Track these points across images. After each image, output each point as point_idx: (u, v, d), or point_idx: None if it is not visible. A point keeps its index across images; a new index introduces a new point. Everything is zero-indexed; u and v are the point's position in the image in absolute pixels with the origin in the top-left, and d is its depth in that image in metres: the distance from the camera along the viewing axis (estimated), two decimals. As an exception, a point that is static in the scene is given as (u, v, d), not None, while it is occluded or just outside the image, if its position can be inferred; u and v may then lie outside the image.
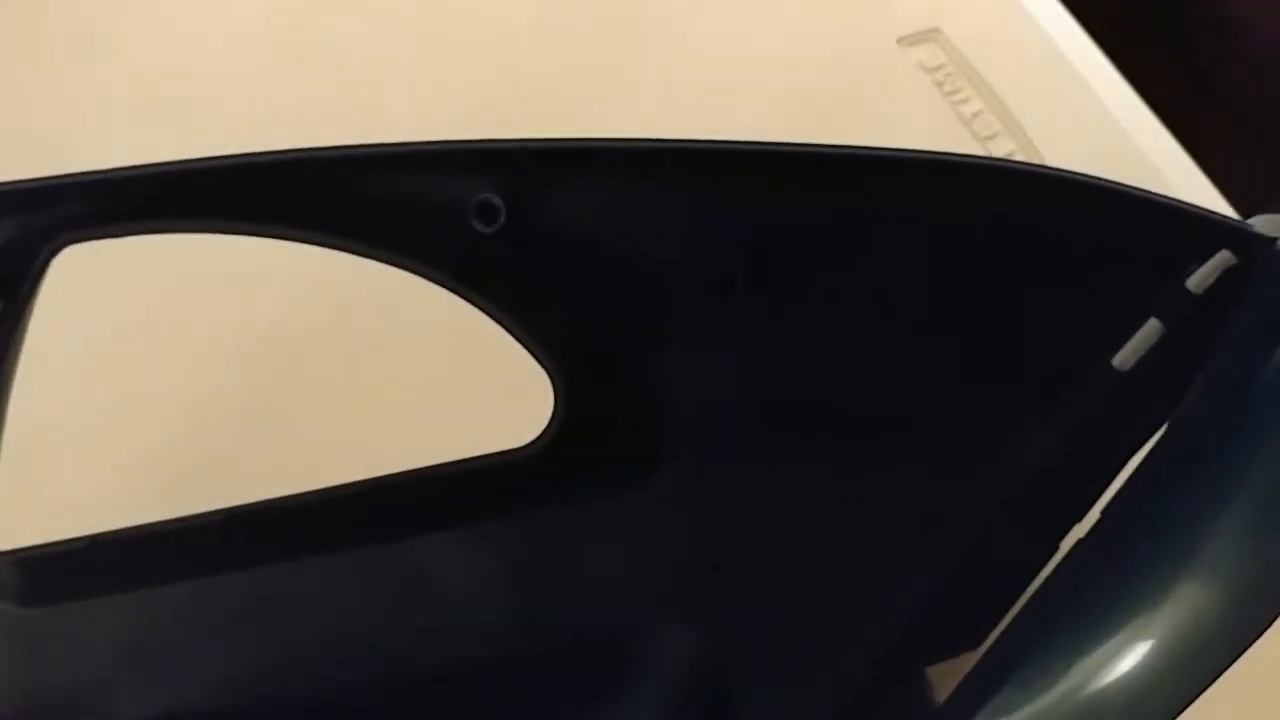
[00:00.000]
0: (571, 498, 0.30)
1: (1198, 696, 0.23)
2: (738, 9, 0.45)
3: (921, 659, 0.31)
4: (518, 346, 0.28)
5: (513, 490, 0.29)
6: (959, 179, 0.29)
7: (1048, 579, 0.29)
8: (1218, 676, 0.23)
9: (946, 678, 0.29)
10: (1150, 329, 0.30)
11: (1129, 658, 0.24)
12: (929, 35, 0.45)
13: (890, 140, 0.43)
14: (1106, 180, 0.29)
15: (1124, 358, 0.30)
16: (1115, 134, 0.45)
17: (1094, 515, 0.29)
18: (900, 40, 0.45)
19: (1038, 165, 0.29)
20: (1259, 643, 0.23)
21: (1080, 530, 0.29)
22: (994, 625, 0.29)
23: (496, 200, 0.27)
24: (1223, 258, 0.29)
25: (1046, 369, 0.31)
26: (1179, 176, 0.44)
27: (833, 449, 0.32)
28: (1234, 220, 0.29)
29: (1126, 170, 0.44)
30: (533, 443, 0.29)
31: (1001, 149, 0.43)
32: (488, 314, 0.28)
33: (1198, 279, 0.29)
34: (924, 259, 0.30)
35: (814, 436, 0.32)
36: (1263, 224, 0.31)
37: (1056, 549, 0.30)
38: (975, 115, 0.44)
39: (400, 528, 0.30)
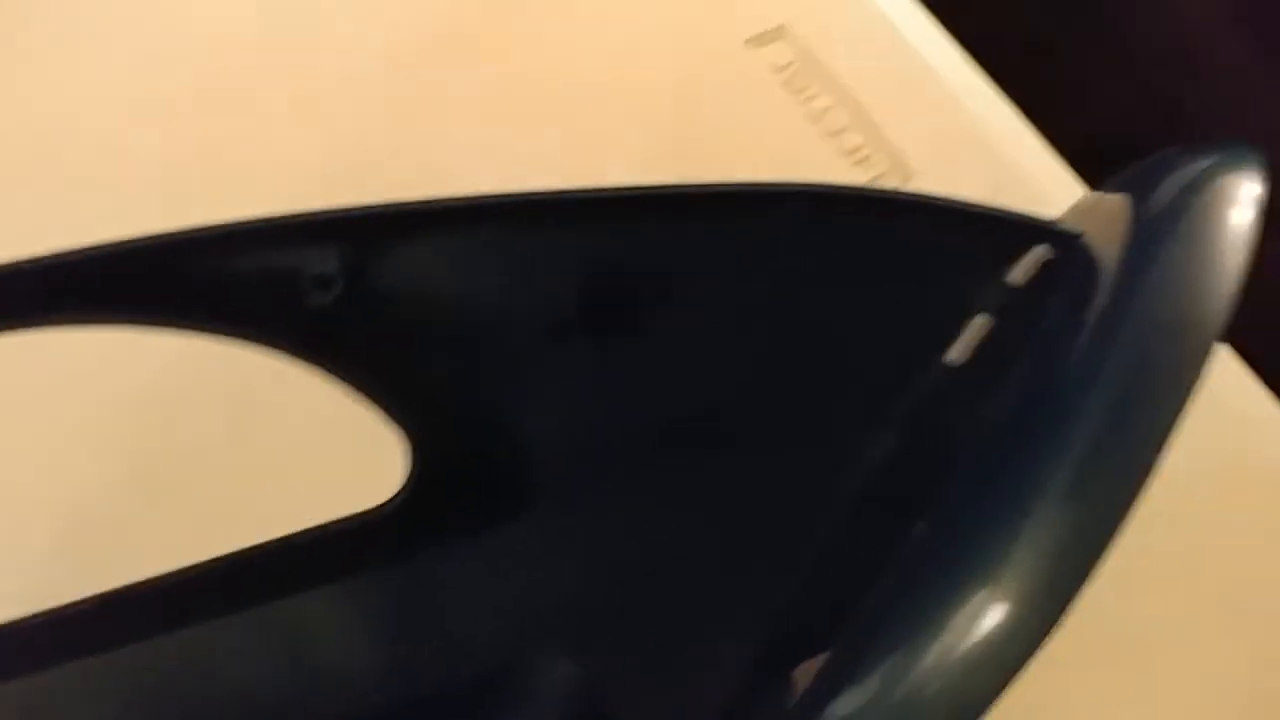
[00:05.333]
0: (437, 548, 0.30)
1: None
2: (579, 22, 0.46)
3: (790, 660, 0.32)
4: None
5: (375, 548, 0.30)
6: (781, 204, 0.30)
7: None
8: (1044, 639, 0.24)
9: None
10: (978, 324, 0.31)
11: (960, 634, 0.25)
12: (776, 33, 0.46)
13: (740, 143, 0.44)
14: (927, 196, 0.31)
15: (956, 354, 0.31)
16: (966, 121, 0.46)
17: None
18: (748, 41, 0.46)
19: (858, 187, 0.30)
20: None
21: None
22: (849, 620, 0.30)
23: (331, 270, 0.27)
24: (1039, 253, 0.30)
25: (887, 371, 0.32)
26: (1027, 157, 0.46)
27: (694, 468, 0.33)
28: (1048, 220, 0.30)
29: (976, 154, 0.46)
30: (389, 500, 0.29)
31: (850, 143, 0.44)
32: (333, 378, 0.29)
33: (1020, 273, 0.31)
34: (761, 280, 0.31)
35: (676, 459, 0.33)
36: (1070, 220, 0.32)
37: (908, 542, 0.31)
38: (824, 111, 0.45)
39: (270, 594, 0.30)
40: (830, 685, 0.27)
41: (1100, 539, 0.24)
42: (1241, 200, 0.27)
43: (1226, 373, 0.44)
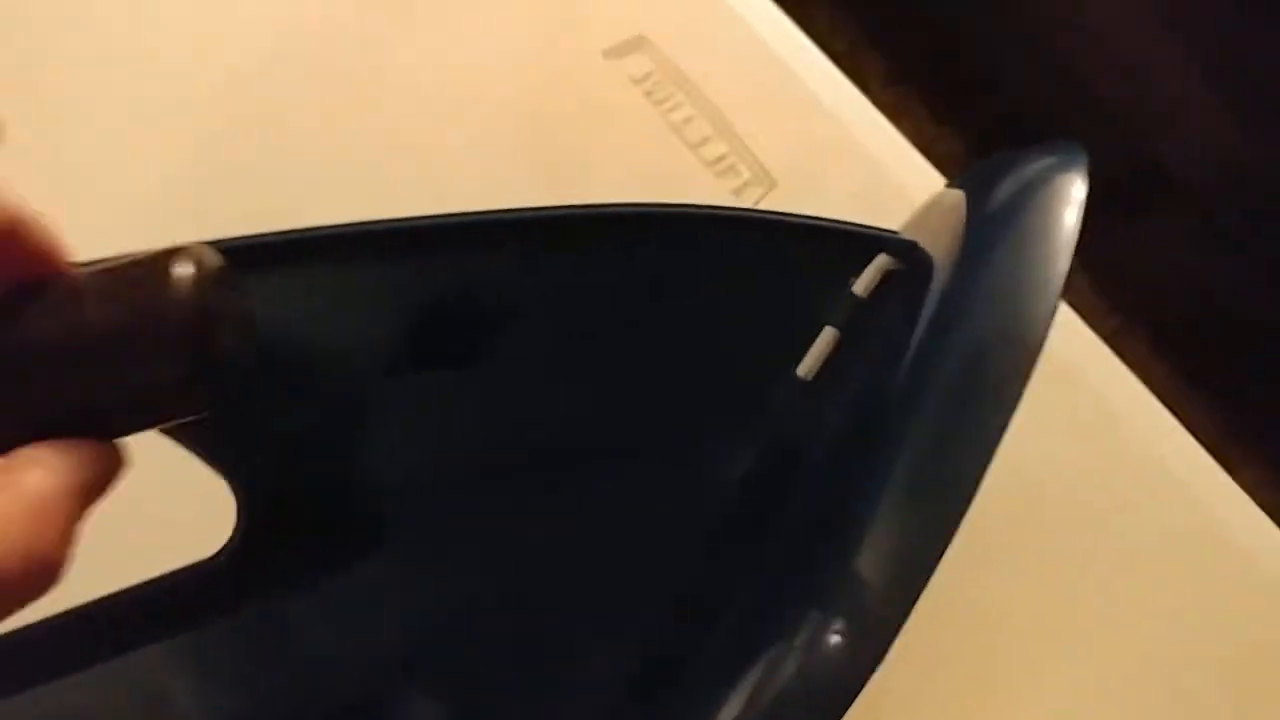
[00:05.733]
0: (280, 592, 0.29)
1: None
2: (434, 40, 0.45)
3: (651, 687, 0.31)
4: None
5: (214, 597, 0.29)
6: (624, 226, 0.30)
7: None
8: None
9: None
10: (826, 336, 0.31)
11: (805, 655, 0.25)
12: (635, 44, 0.46)
13: (602, 157, 0.44)
14: (771, 213, 0.30)
15: (806, 367, 0.31)
16: (830, 126, 0.46)
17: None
18: (606, 53, 0.45)
19: (699, 206, 0.29)
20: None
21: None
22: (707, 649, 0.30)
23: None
24: (881, 262, 0.30)
25: (741, 388, 0.32)
26: (892, 158, 0.46)
27: (550, 497, 0.32)
28: (886, 231, 0.30)
29: (841, 159, 0.45)
30: (222, 549, 0.28)
31: (714, 153, 0.44)
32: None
33: (862, 284, 0.30)
34: (607, 303, 0.31)
35: (530, 488, 0.32)
36: (916, 220, 0.32)
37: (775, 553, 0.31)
38: (686, 121, 0.44)
39: (112, 649, 0.29)
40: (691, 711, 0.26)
41: (935, 546, 0.24)
42: (1068, 201, 0.27)
43: (1109, 373, 0.44)
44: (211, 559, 0.28)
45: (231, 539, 0.28)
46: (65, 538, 0.19)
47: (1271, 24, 0.81)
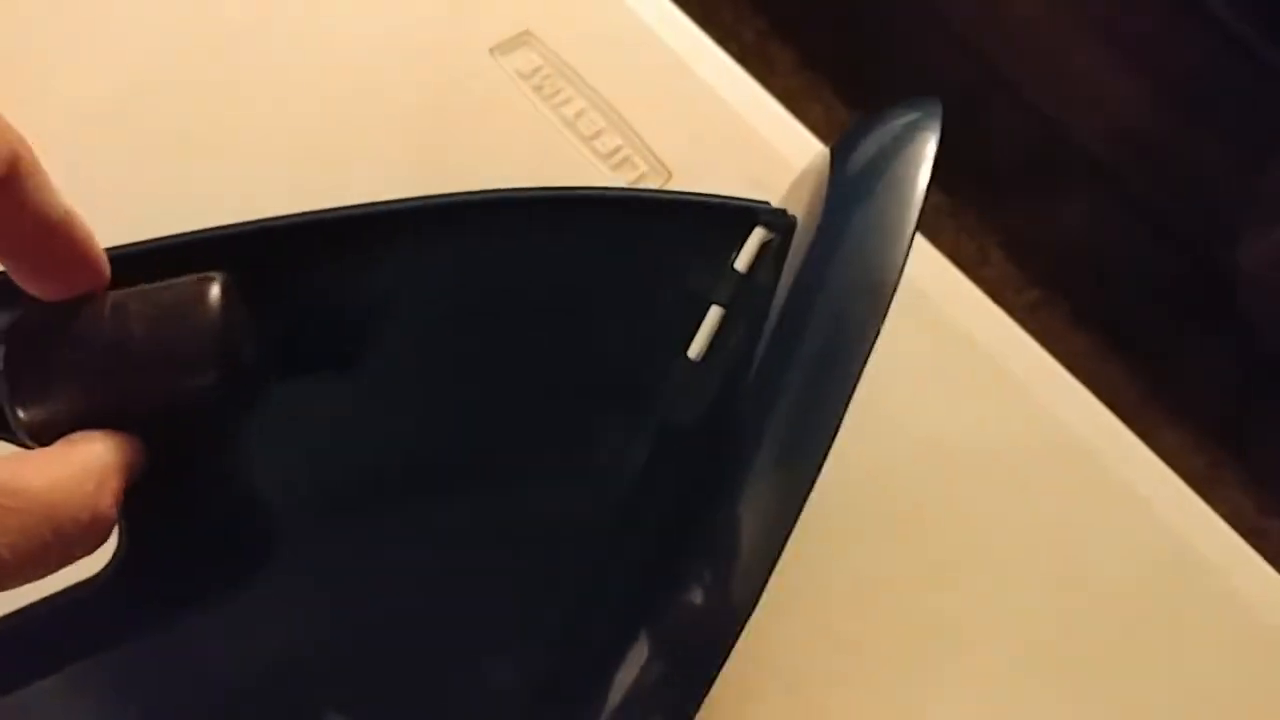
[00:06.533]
0: (165, 613, 0.29)
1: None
2: (323, 40, 0.44)
3: (554, 700, 0.31)
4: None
5: (95, 621, 0.28)
6: (495, 213, 0.29)
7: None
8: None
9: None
10: (713, 315, 0.31)
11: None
12: (521, 39, 0.45)
13: (494, 154, 0.43)
14: (635, 190, 0.30)
15: (696, 348, 0.31)
16: (724, 114, 0.46)
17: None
18: (493, 49, 0.45)
19: (569, 189, 0.29)
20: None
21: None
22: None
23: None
24: (758, 235, 0.30)
25: (634, 375, 0.32)
26: (787, 143, 0.46)
27: (445, 504, 0.31)
28: (760, 201, 0.30)
29: (735, 147, 0.45)
30: (101, 571, 0.27)
31: (608, 146, 0.44)
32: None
33: (743, 260, 0.30)
34: (490, 294, 0.30)
35: (422, 495, 0.31)
36: (785, 199, 0.32)
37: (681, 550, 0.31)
38: (578, 115, 0.44)
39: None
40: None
41: (801, 489, 0.24)
42: (920, 158, 0.27)
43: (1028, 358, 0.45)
44: (89, 581, 0.27)
45: (111, 560, 0.27)
46: (117, 503, 0.23)
47: (1178, 6, 0.83)
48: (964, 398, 0.42)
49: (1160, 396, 0.93)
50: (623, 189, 0.39)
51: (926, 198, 0.26)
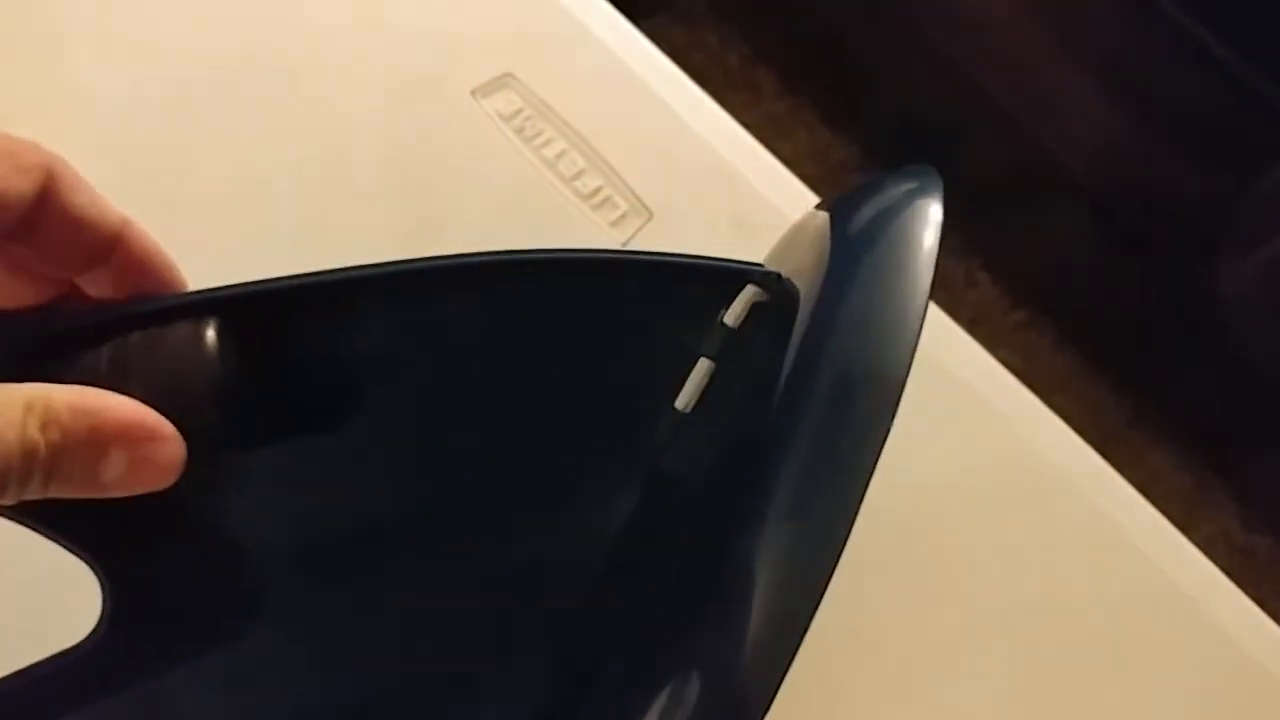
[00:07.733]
0: (151, 677, 0.28)
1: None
2: (303, 86, 0.44)
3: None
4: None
5: (82, 685, 0.28)
6: (482, 277, 0.29)
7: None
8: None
9: None
10: (702, 368, 0.31)
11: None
12: (503, 81, 0.45)
13: (477, 196, 0.43)
14: (638, 253, 0.30)
15: (684, 400, 0.31)
16: (703, 152, 0.46)
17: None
18: (474, 91, 0.45)
19: (561, 250, 0.29)
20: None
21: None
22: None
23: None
24: (749, 293, 0.30)
25: (621, 427, 0.32)
26: (765, 180, 0.46)
27: (435, 553, 0.31)
28: (751, 263, 0.30)
29: (716, 185, 0.46)
30: (90, 635, 0.27)
31: (589, 186, 0.44)
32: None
33: (732, 315, 0.30)
34: (478, 354, 0.30)
35: (409, 553, 0.31)
36: (774, 255, 0.32)
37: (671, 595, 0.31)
38: (559, 156, 0.44)
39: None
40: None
41: (818, 581, 0.24)
42: (927, 226, 0.27)
43: (986, 372, 0.45)
44: (77, 646, 0.27)
45: (99, 624, 0.27)
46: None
47: (1158, 29, 0.84)
48: (942, 430, 0.42)
49: (1147, 416, 0.94)
50: (616, 251, 0.39)
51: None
